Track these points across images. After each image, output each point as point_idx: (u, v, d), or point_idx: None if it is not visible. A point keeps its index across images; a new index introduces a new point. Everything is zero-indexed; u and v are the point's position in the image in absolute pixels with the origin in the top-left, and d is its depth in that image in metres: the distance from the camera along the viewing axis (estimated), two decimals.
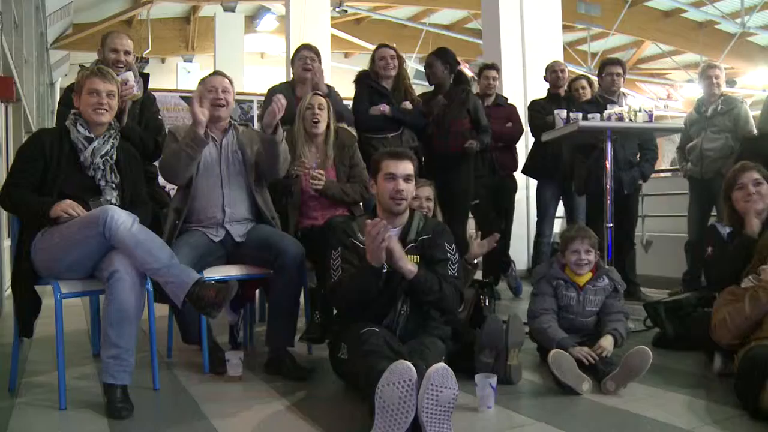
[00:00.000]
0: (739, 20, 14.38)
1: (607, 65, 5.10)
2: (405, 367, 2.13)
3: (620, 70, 5.04)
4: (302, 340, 3.54)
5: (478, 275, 4.81)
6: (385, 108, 4.55)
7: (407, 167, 2.88)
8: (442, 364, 2.17)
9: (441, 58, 4.89)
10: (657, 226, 6.38)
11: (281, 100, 3.25)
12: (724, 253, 3.27)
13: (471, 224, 5.02)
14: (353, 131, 4.20)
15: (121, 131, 3.17)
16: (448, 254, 2.91)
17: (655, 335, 3.73)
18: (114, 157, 3.01)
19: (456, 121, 4.76)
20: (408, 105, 4.62)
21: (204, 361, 3.23)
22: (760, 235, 3.11)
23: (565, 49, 16.57)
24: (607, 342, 2.98)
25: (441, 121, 4.74)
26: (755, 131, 4.78)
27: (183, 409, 2.71)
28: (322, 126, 3.79)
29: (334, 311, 3.29)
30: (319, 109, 3.78)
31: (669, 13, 16.11)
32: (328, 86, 4.37)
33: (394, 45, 4.73)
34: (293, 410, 2.64)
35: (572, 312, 3.20)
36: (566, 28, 15.57)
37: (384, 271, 2.67)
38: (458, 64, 4.96)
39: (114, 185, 3.00)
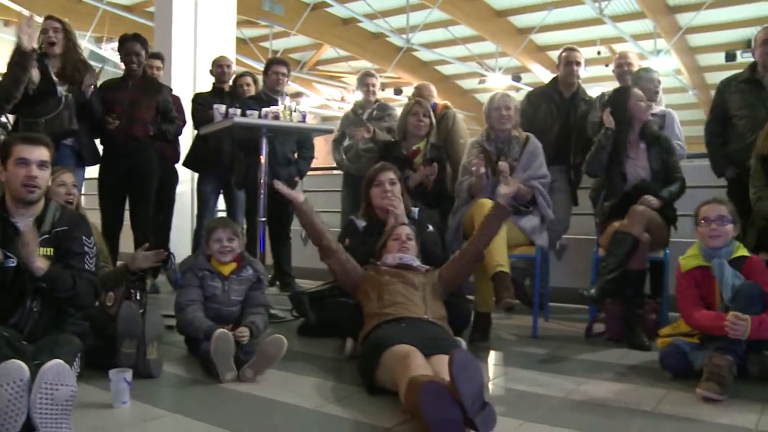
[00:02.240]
0: (405, 36, 15.75)
1: (273, 64, 5.26)
2: (15, 366, 2.00)
3: (285, 70, 5.22)
4: None
5: None
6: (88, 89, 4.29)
7: (42, 153, 2.70)
8: (57, 361, 2.07)
9: (145, 46, 4.84)
10: None
11: None
12: (360, 243, 3.60)
13: None
14: None
15: None
16: (86, 247, 2.79)
17: (300, 324, 3.95)
18: None
19: (144, 110, 4.75)
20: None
21: None
22: None
23: (247, 44, 16.83)
24: (245, 332, 3.07)
25: (129, 108, 4.68)
26: None
27: None
28: None
29: None
30: None
31: (347, 21, 17.06)
32: None
33: (66, 20, 4.41)
34: None
35: (217, 302, 3.25)
36: (250, 23, 15.77)
37: (10, 266, 2.50)
38: None
39: None
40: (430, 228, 3.74)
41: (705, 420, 2.39)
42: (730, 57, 14.30)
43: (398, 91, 19.14)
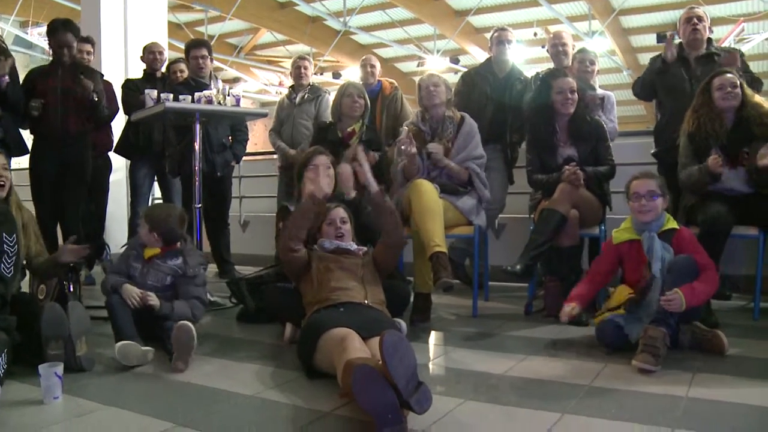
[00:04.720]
0: (342, 19, 15.64)
1: (191, 49, 5.05)
2: None
3: (206, 53, 5.03)
4: None
5: None
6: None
7: None
8: None
9: (74, 32, 4.65)
10: (254, 206, 6.66)
11: None
12: None
13: None
14: None
15: None
16: (5, 246, 2.65)
17: (239, 310, 3.91)
18: None
19: (79, 98, 4.60)
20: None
21: None
22: None
23: (182, 29, 16.47)
24: (151, 296, 3.09)
25: (62, 96, 4.55)
26: None
27: None
28: None
29: None
30: None
31: (284, 4, 16.81)
32: None
33: None
34: None
35: (135, 282, 3.20)
36: (184, 8, 15.43)
37: None
38: None
39: None
40: (370, 209, 3.70)
41: (640, 391, 2.44)
42: (661, 38, 14.58)
43: (337, 75, 19.01)
